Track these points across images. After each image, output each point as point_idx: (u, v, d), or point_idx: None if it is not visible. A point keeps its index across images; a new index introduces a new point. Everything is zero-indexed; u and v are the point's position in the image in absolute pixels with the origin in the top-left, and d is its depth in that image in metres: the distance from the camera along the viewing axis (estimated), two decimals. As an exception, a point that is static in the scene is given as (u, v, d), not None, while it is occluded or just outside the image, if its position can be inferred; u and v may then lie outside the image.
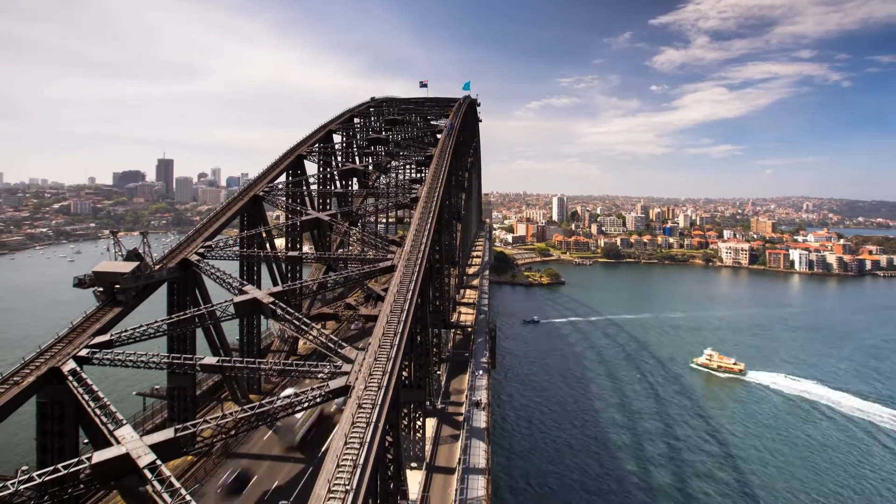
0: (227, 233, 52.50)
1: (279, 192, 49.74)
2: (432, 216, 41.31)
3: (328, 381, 23.57)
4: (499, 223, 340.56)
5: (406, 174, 79.98)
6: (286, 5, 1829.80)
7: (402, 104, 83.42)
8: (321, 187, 59.02)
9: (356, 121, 72.73)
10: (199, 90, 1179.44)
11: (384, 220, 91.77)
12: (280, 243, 56.98)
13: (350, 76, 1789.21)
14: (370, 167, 72.81)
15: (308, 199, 55.04)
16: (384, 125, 74.90)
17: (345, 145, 68.43)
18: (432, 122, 79.16)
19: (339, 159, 65.45)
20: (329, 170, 60.97)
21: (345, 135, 68.54)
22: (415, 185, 61.12)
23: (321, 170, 60.29)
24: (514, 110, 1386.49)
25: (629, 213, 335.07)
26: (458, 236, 77.32)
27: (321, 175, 59.82)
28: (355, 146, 70.68)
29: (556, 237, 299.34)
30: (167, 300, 35.85)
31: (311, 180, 56.83)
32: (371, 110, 77.57)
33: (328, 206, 58.63)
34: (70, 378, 23.68)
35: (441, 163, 54.12)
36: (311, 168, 58.68)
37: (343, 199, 60.26)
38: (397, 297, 29.27)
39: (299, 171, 56.10)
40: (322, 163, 60.49)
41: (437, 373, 47.48)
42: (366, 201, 64.41)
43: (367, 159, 74.01)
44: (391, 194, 58.59)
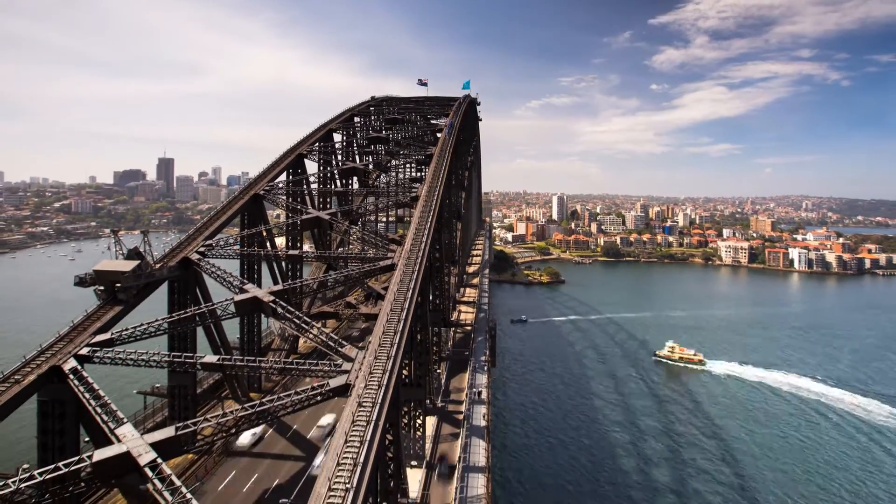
0: (228, 231, 52.43)
1: (279, 191, 49.79)
2: (432, 215, 41.35)
3: (328, 380, 23.61)
4: (499, 222, 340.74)
5: (406, 173, 79.85)
6: (286, 5, 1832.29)
7: (402, 103, 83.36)
8: (321, 186, 59.09)
9: (356, 120, 72.72)
10: (199, 89, 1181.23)
11: (384, 219, 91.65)
12: (280, 242, 57.04)
13: (350, 75, 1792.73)
14: (370, 166, 72.82)
15: (308, 197, 55.05)
16: (384, 124, 74.81)
17: (345, 144, 68.53)
18: (432, 121, 79.20)
19: (340, 158, 65.51)
20: (329, 168, 61.01)
21: (345, 134, 68.62)
22: (415, 184, 60.96)
23: (321, 169, 60.32)
24: (514, 109, 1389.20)
25: (629, 212, 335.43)
26: (458, 235, 77.38)
27: (321, 174, 59.89)
28: (355, 145, 70.71)
29: (556, 236, 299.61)
30: (168, 299, 35.95)
31: (312, 179, 56.94)
32: (371, 109, 77.53)
33: (328, 205, 58.69)
34: (71, 376, 23.75)
35: (441, 162, 54.13)
36: (312, 167, 58.97)
37: (343, 197, 60.26)
38: (397, 295, 29.33)
39: (300, 170, 56.23)
40: (322, 162, 60.51)
41: (438, 371, 47.60)
42: (366, 200, 64.35)
43: (368, 158, 74.01)
44: (391, 193, 58.50)
